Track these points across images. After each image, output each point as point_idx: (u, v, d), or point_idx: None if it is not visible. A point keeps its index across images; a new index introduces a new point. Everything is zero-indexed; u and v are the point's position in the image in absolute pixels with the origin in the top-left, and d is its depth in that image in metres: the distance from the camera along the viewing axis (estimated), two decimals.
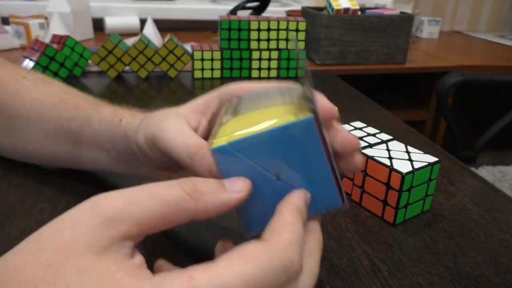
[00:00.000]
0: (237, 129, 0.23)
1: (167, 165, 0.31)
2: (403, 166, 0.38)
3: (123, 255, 0.19)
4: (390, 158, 0.40)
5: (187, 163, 0.25)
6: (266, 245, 0.19)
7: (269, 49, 0.88)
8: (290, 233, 0.20)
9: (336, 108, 0.26)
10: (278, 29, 0.87)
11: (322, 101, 0.25)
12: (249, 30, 0.86)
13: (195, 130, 0.29)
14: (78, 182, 0.44)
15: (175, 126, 0.27)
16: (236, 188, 0.22)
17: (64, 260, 0.18)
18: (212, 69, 0.87)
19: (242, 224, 0.25)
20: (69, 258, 0.18)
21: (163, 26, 1.54)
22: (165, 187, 0.20)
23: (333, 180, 0.24)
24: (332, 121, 0.26)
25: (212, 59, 0.87)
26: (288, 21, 0.87)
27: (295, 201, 0.23)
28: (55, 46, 0.80)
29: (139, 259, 0.20)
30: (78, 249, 0.18)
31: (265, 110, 0.25)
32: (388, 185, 0.39)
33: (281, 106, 0.25)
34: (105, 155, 0.37)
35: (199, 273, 0.18)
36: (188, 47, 0.94)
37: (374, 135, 0.46)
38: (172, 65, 0.85)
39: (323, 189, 0.24)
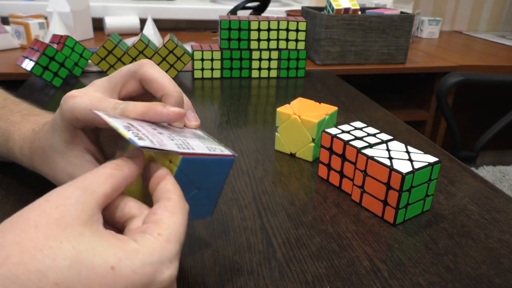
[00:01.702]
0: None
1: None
2: (403, 166, 0.38)
3: (102, 223, 0.23)
4: (390, 158, 0.40)
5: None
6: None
7: (269, 49, 0.88)
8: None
9: None
10: (278, 29, 0.87)
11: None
12: (249, 30, 0.86)
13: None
14: None
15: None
16: (135, 157, 0.27)
17: (61, 231, 0.21)
18: (212, 69, 0.87)
19: None
20: (66, 229, 0.21)
21: (163, 26, 1.54)
22: (107, 169, 0.25)
23: (216, 156, 0.31)
24: None
25: (212, 59, 0.87)
26: (288, 21, 0.87)
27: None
28: (55, 46, 0.80)
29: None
30: (69, 221, 0.21)
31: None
32: (388, 185, 0.39)
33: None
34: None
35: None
36: (188, 47, 0.94)
37: (374, 135, 0.46)
38: (172, 65, 0.85)
39: (218, 165, 0.31)
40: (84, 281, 0.20)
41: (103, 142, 0.36)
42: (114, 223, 0.26)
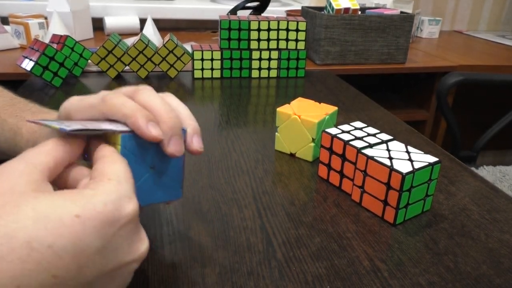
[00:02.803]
0: None
1: None
2: (403, 166, 0.38)
3: (52, 190, 0.25)
4: (390, 158, 0.40)
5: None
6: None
7: (269, 49, 0.88)
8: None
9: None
10: (278, 29, 0.87)
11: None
12: (249, 30, 0.86)
13: None
14: None
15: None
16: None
17: (16, 198, 0.22)
18: (212, 69, 0.87)
19: None
20: (20, 196, 0.22)
21: (163, 25, 1.54)
22: (49, 144, 0.27)
23: (182, 176, 0.32)
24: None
25: (212, 59, 0.87)
26: (288, 21, 0.87)
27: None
28: (54, 46, 0.80)
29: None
30: (20, 189, 0.23)
31: None
32: (388, 185, 0.39)
33: None
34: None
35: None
36: (188, 47, 0.94)
37: (374, 135, 0.46)
38: (172, 65, 0.85)
39: (174, 182, 0.32)
40: (54, 232, 0.21)
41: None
42: (59, 186, 0.28)
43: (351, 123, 0.49)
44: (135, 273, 0.33)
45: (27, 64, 0.77)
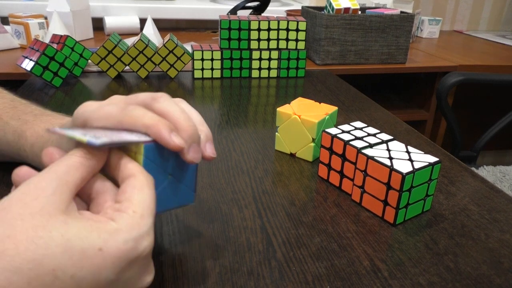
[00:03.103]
0: None
1: None
2: (403, 166, 0.38)
3: (76, 209, 0.25)
4: (390, 158, 0.40)
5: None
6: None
7: (269, 49, 0.88)
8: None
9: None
10: (278, 29, 0.87)
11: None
12: (249, 30, 0.86)
13: None
14: None
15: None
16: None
17: (47, 221, 0.22)
18: (212, 69, 0.87)
19: None
20: (50, 218, 0.23)
21: (163, 25, 1.54)
22: (77, 158, 0.27)
23: (195, 182, 0.32)
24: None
25: (212, 59, 0.87)
26: (288, 21, 0.87)
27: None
28: (55, 46, 0.80)
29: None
30: (51, 211, 0.23)
31: None
32: (388, 185, 0.39)
33: None
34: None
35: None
36: (188, 47, 0.94)
37: (374, 135, 0.46)
38: (172, 65, 0.85)
39: (188, 187, 0.32)
40: (77, 264, 0.22)
41: None
42: (80, 196, 0.28)
43: (351, 123, 0.49)
44: None
45: (27, 64, 0.77)
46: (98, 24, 1.39)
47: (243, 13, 1.21)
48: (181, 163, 0.31)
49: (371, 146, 0.43)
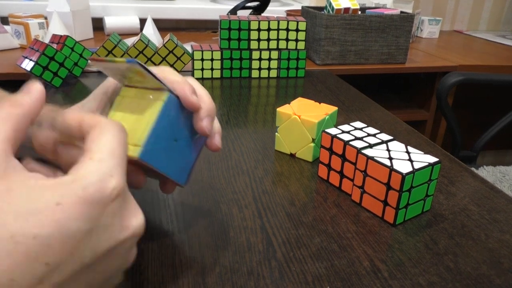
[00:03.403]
0: (134, 128, 0.30)
1: None
2: (403, 167, 0.38)
3: (21, 167, 0.24)
4: (390, 158, 0.40)
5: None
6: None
7: (269, 49, 0.88)
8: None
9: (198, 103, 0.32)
10: (278, 29, 0.87)
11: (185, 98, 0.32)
12: (249, 30, 0.86)
13: None
14: None
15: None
16: (32, 89, 0.27)
17: None
18: (212, 69, 0.87)
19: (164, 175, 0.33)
20: None
21: (163, 26, 1.54)
22: (3, 110, 0.25)
23: (192, 165, 0.34)
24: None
25: (212, 59, 0.87)
26: (288, 21, 0.87)
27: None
28: (54, 46, 0.80)
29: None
30: None
31: (132, 101, 0.32)
32: (388, 185, 0.39)
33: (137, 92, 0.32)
34: None
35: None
36: (188, 47, 0.94)
37: (374, 135, 0.46)
38: (172, 65, 0.85)
39: (185, 165, 0.33)
40: (37, 224, 0.21)
41: None
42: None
43: (351, 123, 0.49)
44: (135, 273, 0.33)
45: (27, 64, 0.77)
46: (98, 24, 1.39)
47: (243, 13, 1.21)
48: (189, 140, 0.32)
49: (371, 146, 0.43)
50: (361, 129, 0.47)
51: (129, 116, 0.31)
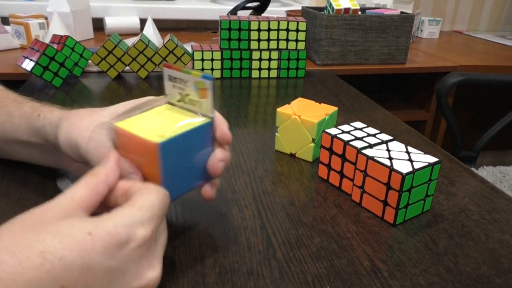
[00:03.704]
0: (163, 128, 0.32)
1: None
2: (403, 167, 0.38)
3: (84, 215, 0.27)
4: (390, 158, 0.40)
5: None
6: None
7: (269, 49, 0.88)
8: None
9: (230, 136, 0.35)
10: (278, 29, 0.87)
11: (222, 128, 0.35)
12: (249, 30, 0.86)
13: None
14: None
15: (98, 138, 0.33)
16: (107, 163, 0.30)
17: (46, 219, 0.24)
18: (212, 69, 0.87)
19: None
20: (51, 218, 0.25)
21: (163, 26, 1.54)
22: (86, 176, 0.29)
23: (186, 191, 0.34)
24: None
25: (212, 59, 0.87)
26: (288, 21, 0.87)
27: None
28: (55, 46, 0.80)
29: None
30: (54, 214, 0.25)
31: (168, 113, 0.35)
32: (388, 185, 0.39)
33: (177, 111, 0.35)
34: (23, 148, 0.41)
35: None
36: (188, 47, 0.94)
37: (374, 135, 0.46)
38: None
39: (180, 187, 0.33)
40: (66, 247, 0.23)
41: None
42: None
43: (351, 123, 0.49)
44: None
45: (28, 64, 0.77)
46: (98, 24, 1.39)
47: (243, 14, 1.21)
48: (197, 170, 0.33)
49: (371, 146, 0.43)
50: (361, 129, 0.47)
51: (163, 120, 0.33)
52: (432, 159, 0.40)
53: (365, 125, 0.48)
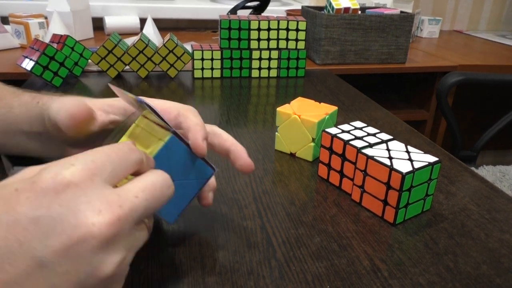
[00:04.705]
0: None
1: (75, 141, 0.38)
2: (403, 166, 0.38)
3: None
4: (390, 158, 0.40)
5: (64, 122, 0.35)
6: None
7: (269, 49, 0.88)
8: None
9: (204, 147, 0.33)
10: (278, 29, 0.87)
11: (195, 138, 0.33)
12: (249, 29, 0.86)
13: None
14: None
15: (66, 100, 0.34)
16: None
17: None
18: (212, 68, 0.87)
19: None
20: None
21: (163, 25, 1.54)
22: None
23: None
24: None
25: (212, 59, 0.87)
26: (288, 21, 0.87)
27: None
28: (55, 45, 0.80)
29: None
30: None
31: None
32: (388, 185, 0.39)
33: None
34: (24, 139, 0.41)
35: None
36: (188, 46, 0.94)
37: (374, 135, 0.46)
38: (172, 65, 0.85)
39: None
40: None
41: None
42: None
43: (351, 123, 0.49)
44: (134, 273, 0.32)
45: (27, 64, 0.77)
46: (98, 24, 1.39)
47: (243, 13, 1.21)
48: (187, 180, 0.32)
49: (371, 145, 0.43)
50: (361, 128, 0.47)
51: (139, 144, 0.32)
52: (432, 158, 0.40)
53: (365, 125, 0.48)
